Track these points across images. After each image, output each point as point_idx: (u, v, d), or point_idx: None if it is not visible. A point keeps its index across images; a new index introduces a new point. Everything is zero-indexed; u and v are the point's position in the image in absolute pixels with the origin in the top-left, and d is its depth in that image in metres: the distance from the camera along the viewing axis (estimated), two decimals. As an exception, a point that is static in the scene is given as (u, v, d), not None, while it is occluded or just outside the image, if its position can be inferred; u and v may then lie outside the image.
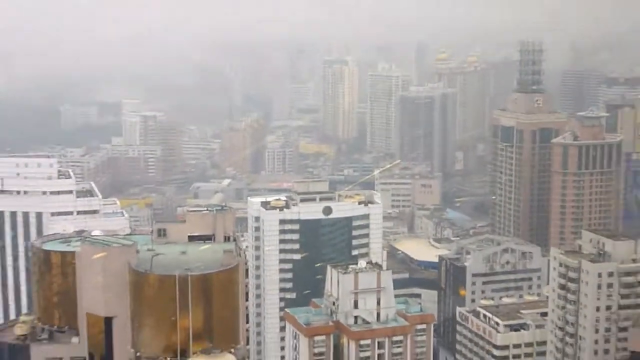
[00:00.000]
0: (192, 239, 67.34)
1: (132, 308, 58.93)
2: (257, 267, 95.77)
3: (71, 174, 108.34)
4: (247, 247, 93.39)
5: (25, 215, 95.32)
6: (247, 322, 76.15)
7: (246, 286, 68.75)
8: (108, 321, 59.02)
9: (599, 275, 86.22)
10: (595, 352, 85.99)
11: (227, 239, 70.61)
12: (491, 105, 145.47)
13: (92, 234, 69.76)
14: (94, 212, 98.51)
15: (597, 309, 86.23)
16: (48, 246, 63.73)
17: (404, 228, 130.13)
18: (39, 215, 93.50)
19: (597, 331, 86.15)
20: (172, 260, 62.10)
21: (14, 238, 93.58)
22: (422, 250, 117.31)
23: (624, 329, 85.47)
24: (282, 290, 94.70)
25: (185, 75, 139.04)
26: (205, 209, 74.40)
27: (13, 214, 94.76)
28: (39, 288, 62.45)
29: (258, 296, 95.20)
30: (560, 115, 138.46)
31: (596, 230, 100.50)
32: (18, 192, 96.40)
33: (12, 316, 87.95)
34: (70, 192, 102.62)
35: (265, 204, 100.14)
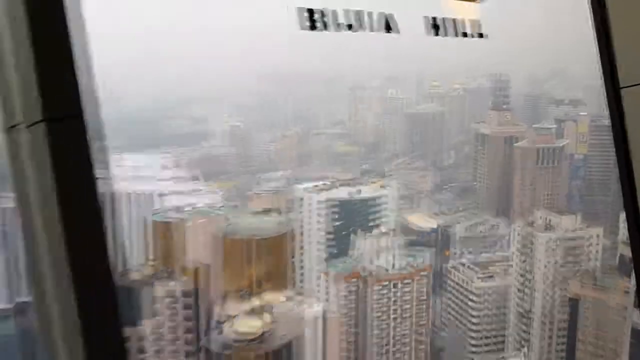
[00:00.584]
0: (260, 212, 68.67)
1: (220, 258, 60.49)
2: (301, 234, 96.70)
3: (181, 164, 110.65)
4: (295, 218, 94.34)
5: (148, 194, 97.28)
6: (294, 271, 77.01)
7: (294, 245, 69.74)
8: (201, 268, 60.74)
9: (547, 240, 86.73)
10: (544, 296, 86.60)
11: (284, 212, 71.68)
12: (472, 120, 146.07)
13: (197, 206, 71.30)
14: (197, 190, 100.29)
15: (546, 265, 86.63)
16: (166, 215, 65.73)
17: (410, 205, 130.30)
18: (157, 194, 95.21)
19: (545, 281, 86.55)
20: (247, 226, 63.40)
21: (139, 211, 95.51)
22: (423, 221, 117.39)
23: (565, 280, 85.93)
24: (323, 248, 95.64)
25: (248, 96, 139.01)
26: (270, 190, 75.52)
27: (137, 194, 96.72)
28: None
29: (302, 253, 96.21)
30: (522, 126, 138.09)
31: (546, 208, 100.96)
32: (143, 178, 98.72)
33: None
34: (181, 177, 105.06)
35: (309, 188, 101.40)
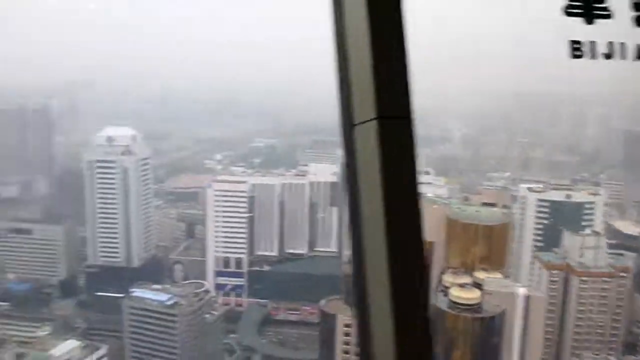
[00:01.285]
0: (484, 204, 66.01)
1: (445, 238, 59.23)
2: (521, 226, 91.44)
3: (425, 163, 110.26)
4: (515, 212, 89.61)
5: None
6: (511, 255, 72.25)
7: (513, 234, 65.16)
8: (430, 244, 60.02)
9: None
10: None
11: (504, 206, 68.03)
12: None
13: (427, 196, 70.76)
14: (429, 183, 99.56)
15: None
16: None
17: (617, 212, 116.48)
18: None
19: None
20: (471, 215, 61.39)
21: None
22: (628, 227, 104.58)
23: None
24: (534, 240, 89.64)
25: (494, 109, 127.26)
26: (493, 187, 71.78)
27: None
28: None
29: (519, 242, 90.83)
30: None
31: None
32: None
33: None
34: (423, 172, 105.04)
35: (529, 189, 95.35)
